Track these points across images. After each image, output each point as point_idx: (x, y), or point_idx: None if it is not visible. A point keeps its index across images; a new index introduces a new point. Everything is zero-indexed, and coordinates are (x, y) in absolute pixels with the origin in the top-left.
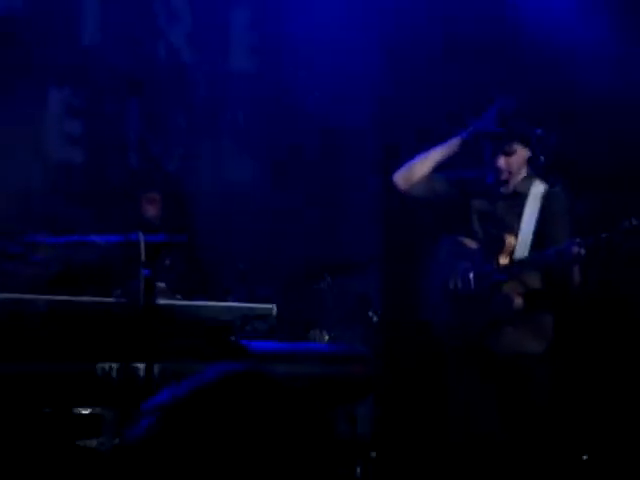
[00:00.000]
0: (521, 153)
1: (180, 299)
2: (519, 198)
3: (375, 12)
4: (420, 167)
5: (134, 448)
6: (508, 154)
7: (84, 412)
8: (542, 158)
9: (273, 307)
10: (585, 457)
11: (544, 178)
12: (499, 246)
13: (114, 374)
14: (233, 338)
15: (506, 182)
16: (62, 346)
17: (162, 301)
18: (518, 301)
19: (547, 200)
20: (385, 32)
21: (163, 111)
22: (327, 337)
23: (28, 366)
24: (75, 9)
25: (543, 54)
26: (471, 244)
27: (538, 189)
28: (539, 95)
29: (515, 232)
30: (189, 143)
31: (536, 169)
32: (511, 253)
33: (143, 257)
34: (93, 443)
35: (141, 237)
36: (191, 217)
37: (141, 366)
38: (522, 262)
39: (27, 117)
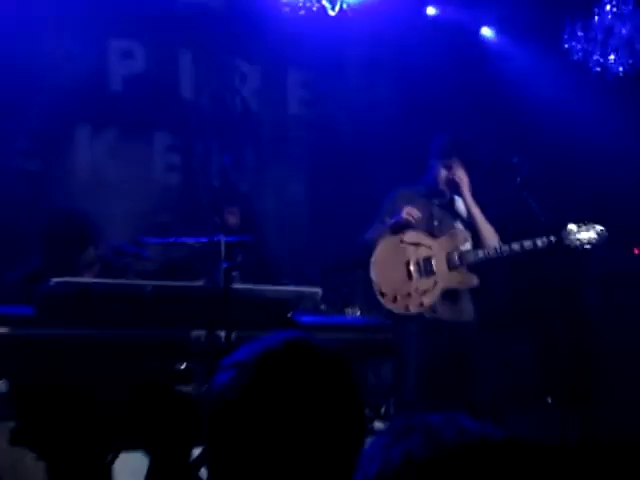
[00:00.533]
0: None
1: (249, 284)
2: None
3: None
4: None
5: (219, 395)
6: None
7: (181, 367)
8: (518, 179)
9: (319, 290)
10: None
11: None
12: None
13: (202, 339)
14: (289, 313)
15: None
16: (165, 318)
17: (237, 286)
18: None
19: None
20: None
21: (238, 146)
22: (358, 312)
23: (141, 332)
24: (175, 73)
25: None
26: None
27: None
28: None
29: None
30: (257, 170)
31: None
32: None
33: (223, 254)
34: (188, 389)
35: (222, 239)
36: (258, 225)
37: (222, 333)
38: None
39: (139, 154)
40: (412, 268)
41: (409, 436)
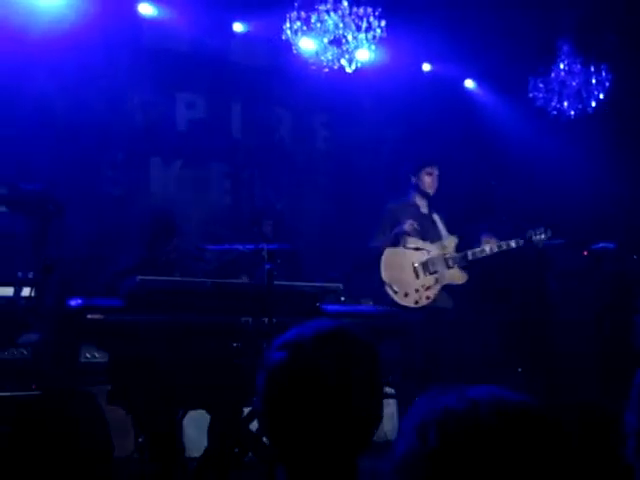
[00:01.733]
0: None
1: (286, 282)
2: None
3: (398, 117)
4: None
5: (274, 369)
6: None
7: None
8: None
9: (340, 285)
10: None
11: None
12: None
13: (250, 324)
14: (317, 303)
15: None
16: (220, 307)
17: (276, 282)
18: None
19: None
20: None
21: (275, 174)
22: (371, 302)
23: (203, 318)
24: (228, 117)
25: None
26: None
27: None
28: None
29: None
30: (289, 193)
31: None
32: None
33: (266, 257)
34: (239, 363)
35: (264, 246)
36: (288, 233)
37: (265, 319)
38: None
39: (200, 180)
40: (417, 268)
41: (446, 395)
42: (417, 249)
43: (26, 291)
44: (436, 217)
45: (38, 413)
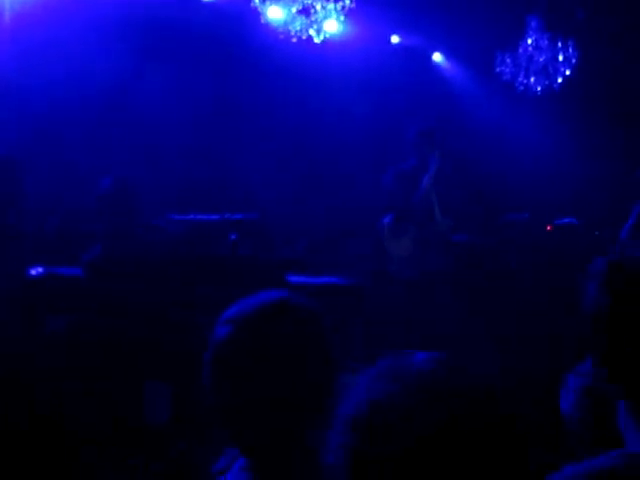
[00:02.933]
0: None
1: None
2: None
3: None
4: None
5: (218, 345)
6: None
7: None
8: None
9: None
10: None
11: None
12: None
13: (212, 294)
14: (282, 274)
15: None
16: (182, 277)
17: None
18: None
19: None
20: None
21: (243, 144)
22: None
23: (161, 288)
24: (194, 87)
25: None
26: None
27: None
28: None
29: None
30: (257, 163)
31: None
32: None
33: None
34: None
35: (230, 216)
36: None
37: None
38: None
39: (162, 153)
40: (412, 243)
41: (381, 377)
42: (415, 224)
43: None
44: (433, 193)
45: None
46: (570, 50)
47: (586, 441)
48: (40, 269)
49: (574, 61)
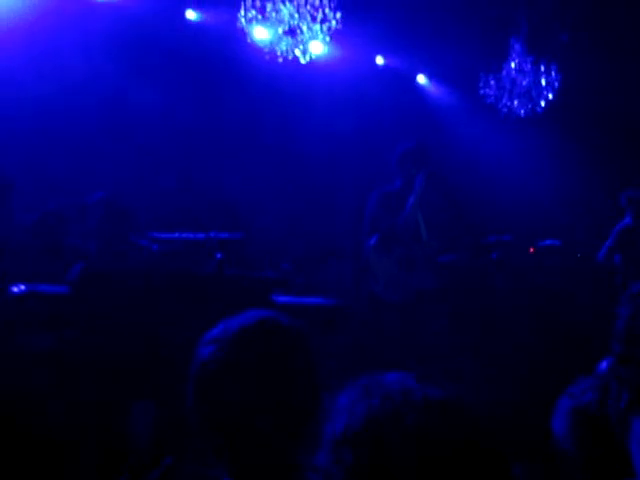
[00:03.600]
0: None
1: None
2: None
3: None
4: None
5: (202, 365)
6: None
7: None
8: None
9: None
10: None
11: None
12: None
13: (198, 312)
14: (268, 294)
15: None
16: (167, 295)
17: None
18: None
19: None
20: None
21: (229, 162)
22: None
23: (147, 306)
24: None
25: None
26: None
27: None
28: None
29: None
30: (243, 181)
31: None
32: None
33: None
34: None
35: (216, 235)
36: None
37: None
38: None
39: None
40: (400, 264)
41: (369, 395)
42: (402, 244)
43: None
44: (419, 214)
45: None
46: (553, 74)
47: (579, 462)
48: (22, 286)
49: (557, 85)
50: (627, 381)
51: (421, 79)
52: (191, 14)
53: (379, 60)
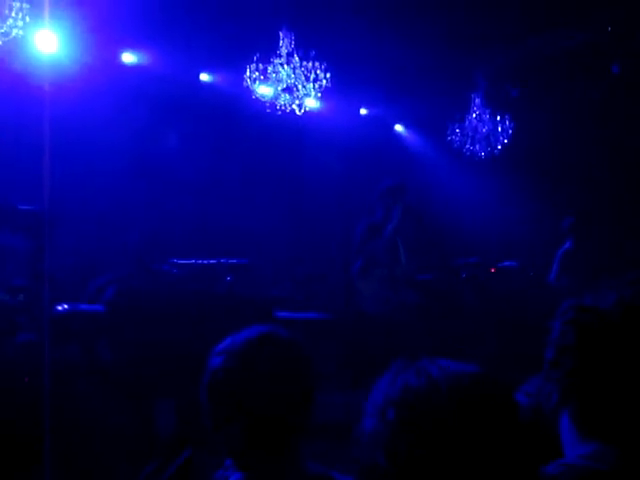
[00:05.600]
0: None
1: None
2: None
3: (340, 151)
4: None
5: (213, 374)
6: None
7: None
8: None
9: (288, 297)
10: None
11: None
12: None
13: (212, 327)
14: (271, 310)
15: None
16: (187, 313)
17: (237, 292)
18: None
19: None
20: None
21: (237, 197)
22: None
23: (171, 322)
24: (196, 148)
25: None
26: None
27: None
28: None
29: None
30: (250, 214)
31: None
32: None
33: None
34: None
35: (226, 260)
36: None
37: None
38: None
39: (172, 203)
40: (382, 284)
41: (405, 372)
42: (384, 266)
43: (21, 297)
44: (399, 241)
45: None
46: (507, 122)
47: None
48: (65, 305)
49: (510, 132)
50: (556, 382)
51: (399, 127)
52: (204, 76)
53: (363, 111)
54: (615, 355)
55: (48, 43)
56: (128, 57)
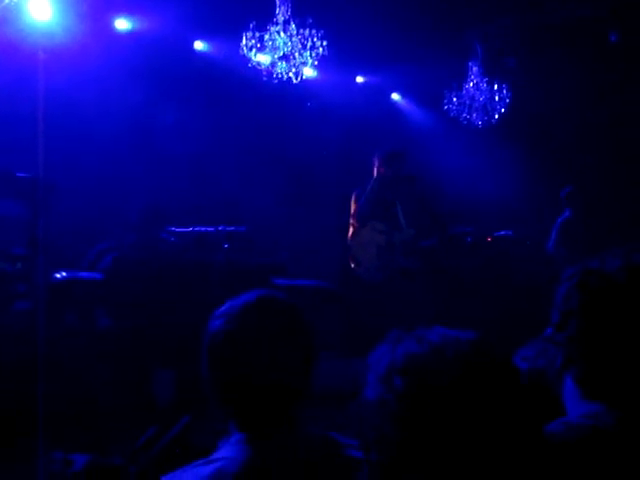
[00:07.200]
0: None
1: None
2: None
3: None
4: None
5: (213, 336)
6: None
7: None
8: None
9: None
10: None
11: None
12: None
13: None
14: (269, 277)
15: None
16: (185, 281)
17: (235, 259)
18: None
19: None
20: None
21: (235, 166)
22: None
23: (168, 291)
24: (193, 120)
25: None
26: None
27: None
28: None
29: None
30: (248, 182)
31: None
32: None
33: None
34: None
35: (224, 228)
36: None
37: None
38: None
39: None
40: (380, 250)
41: (405, 340)
42: (381, 232)
43: (19, 265)
44: (398, 206)
45: None
46: (504, 92)
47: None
48: (64, 273)
49: (507, 101)
50: (561, 345)
51: (395, 96)
52: (199, 44)
53: (359, 79)
54: (621, 318)
55: (42, 10)
56: (122, 24)
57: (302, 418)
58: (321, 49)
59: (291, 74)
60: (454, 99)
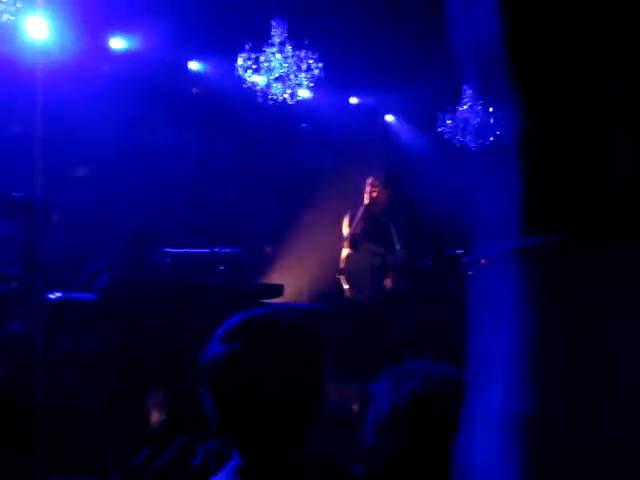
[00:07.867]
0: None
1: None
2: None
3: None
4: None
5: (213, 357)
6: None
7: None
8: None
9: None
10: None
11: None
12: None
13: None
14: (260, 300)
15: None
16: (178, 302)
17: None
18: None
19: None
20: None
21: (230, 186)
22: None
23: (161, 312)
24: (187, 139)
25: None
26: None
27: None
28: None
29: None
30: (243, 202)
31: None
32: None
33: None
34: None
35: (220, 250)
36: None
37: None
38: None
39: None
40: (373, 271)
41: (410, 378)
42: (375, 253)
43: (14, 285)
44: (392, 228)
45: None
46: (499, 114)
47: None
48: (58, 294)
49: (502, 123)
50: None
51: (389, 117)
52: (194, 65)
53: (353, 100)
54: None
55: (39, 29)
56: (117, 43)
57: (307, 445)
58: (317, 70)
59: (286, 95)
60: (447, 122)
